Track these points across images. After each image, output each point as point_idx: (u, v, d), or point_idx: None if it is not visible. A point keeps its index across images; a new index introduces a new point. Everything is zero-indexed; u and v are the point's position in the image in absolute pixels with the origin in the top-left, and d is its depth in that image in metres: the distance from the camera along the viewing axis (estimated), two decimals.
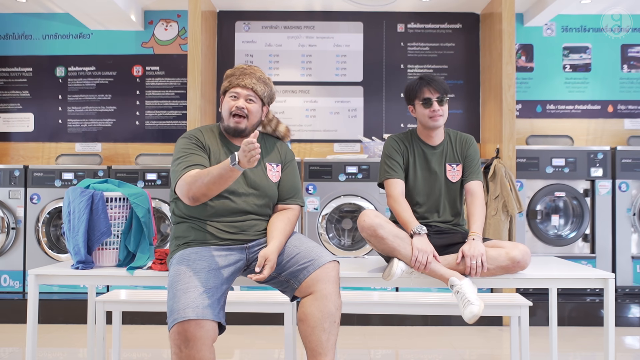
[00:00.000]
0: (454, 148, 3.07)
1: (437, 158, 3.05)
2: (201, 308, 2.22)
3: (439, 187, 3.03)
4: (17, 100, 6.12)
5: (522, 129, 5.97)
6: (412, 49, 6.07)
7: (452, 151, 3.06)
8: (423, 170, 3.04)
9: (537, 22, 5.90)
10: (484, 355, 4.25)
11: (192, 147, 2.58)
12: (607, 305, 2.64)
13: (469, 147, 3.08)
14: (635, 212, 5.32)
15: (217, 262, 2.46)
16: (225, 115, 2.62)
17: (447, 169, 3.04)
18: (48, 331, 4.68)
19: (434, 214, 3.04)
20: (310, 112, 6.00)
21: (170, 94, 6.07)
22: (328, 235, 5.21)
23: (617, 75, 6.05)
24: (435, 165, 3.04)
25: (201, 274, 2.37)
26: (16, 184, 5.38)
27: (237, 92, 2.61)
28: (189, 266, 2.39)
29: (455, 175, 3.04)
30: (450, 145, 3.07)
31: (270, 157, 2.75)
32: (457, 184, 3.05)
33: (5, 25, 6.12)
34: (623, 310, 5.06)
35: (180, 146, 2.60)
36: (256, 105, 2.64)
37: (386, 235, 2.69)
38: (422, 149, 3.06)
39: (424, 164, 3.05)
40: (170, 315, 2.24)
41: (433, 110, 2.94)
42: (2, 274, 5.37)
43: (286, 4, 5.91)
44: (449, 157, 3.06)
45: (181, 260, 2.45)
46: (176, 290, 2.30)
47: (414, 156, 3.05)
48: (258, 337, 4.62)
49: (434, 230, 2.99)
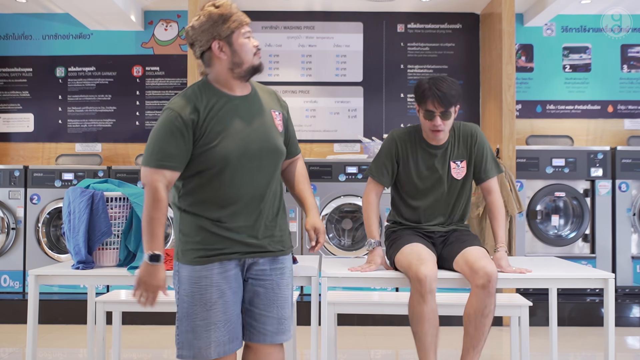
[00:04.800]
0: (458, 144, 2.89)
1: (440, 158, 2.89)
2: (224, 346, 2.19)
3: (442, 188, 2.89)
4: (17, 100, 6.12)
5: (522, 129, 5.97)
6: (412, 49, 6.07)
7: (456, 148, 2.89)
8: (425, 171, 2.89)
9: (537, 22, 5.90)
10: (484, 355, 4.24)
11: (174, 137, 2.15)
12: (607, 305, 2.64)
13: (476, 141, 2.89)
14: (635, 212, 5.32)
15: (231, 283, 2.24)
16: (248, 59, 2.26)
17: (452, 166, 2.88)
18: (48, 331, 4.68)
19: (438, 216, 2.92)
20: (310, 112, 6.00)
21: (170, 94, 6.07)
22: (328, 236, 5.21)
23: (617, 75, 6.05)
24: (439, 165, 2.88)
25: (218, 305, 2.19)
26: (16, 184, 5.37)
27: (248, 30, 2.29)
28: (202, 295, 2.18)
29: (459, 172, 2.87)
30: (454, 141, 2.90)
31: (272, 104, 2.44)
32: (463, 182, 2.89)
33: (5, 26, 6.12)
34: (623, 310, 5.06)
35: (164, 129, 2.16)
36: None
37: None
38: (425, 148, 2.90)
39: (426, 164, 2.89)
40: (190, 349, 2.18)
41: (434, 124, 2.77)
42: (2, 274, 5.37)
43: (286, 4, 5.91)
44: (454, 155, 2.89)
45: (194, 286, 2.19)
46: (195, 324, 2.17)
47: (416, 156, 2.91)
48: None
49: (440, 240, 2.91)
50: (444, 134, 2.81)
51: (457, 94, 2.77)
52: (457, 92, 2.77)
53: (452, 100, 2.74)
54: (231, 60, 2.25)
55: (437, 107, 2.74)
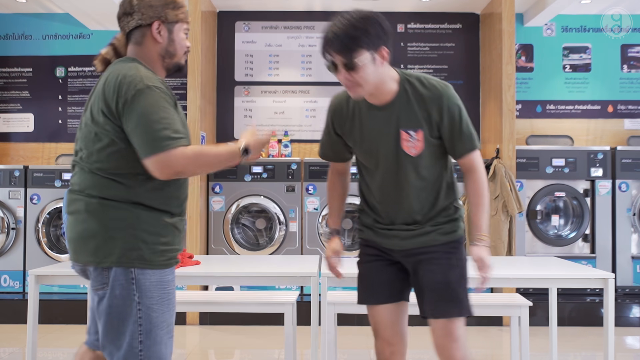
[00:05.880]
0: (412, 106, 2.09)
1: (384, 123, 2.11)
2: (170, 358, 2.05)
3: (391, 168, 2.14)
4: (17, 100, 6.12)
5: (522, 129, 5.96)
6: (412, 49, 6.07)
7: (408, 111, 2.09)
8: (366, 142, 2.16)
9: (537, 22, 5.90)
10: (484, 355, 4.25)
11: (172, 110, 1.99)
12: (607, 305, 2.64)
13: (441, 103, 2.07)
14: (635, 212, 5.32)
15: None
16: (180, 54, 2.13)
17: (403, 137, 2.10)
18: (48, 331, 4.68)
19: (399, 213, 2.19)
20: (310, 112, 6.00)
21: None
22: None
23: (617, 75, 6.05)
24: (383, 133, 2.11)
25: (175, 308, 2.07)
26: (16, 184, 5.37)
27: (188, 29, 2.17)
28: (170, 300, 2.01)
29: (413, 145, 2.09)
30: (406, 101, 2.09)
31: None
32: (424, 162, 2.12)
33: (5, 26, 6.12)
34: (623, 310, 5.06)
35: (159, 103, 1.93)
36: None
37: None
38: (367, 111, 2.14)
39: (369, 131, 2.15)
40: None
41: (340, 78, 2.05)
42: (2, 274, 5.38)
43: (286, 4, 5.91)
44: (404, 120, 2.09)
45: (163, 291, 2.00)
46: (163, 333, 1.98)
47: (359, 122, 2.16)
48: (258, 337, 4.62)
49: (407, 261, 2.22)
50: (362, 89, 2.04)
51: (363, 34, 1.97)
52: (363, 31, 1.97)
53: (350, 44, 1.96)
54: (166, 47, 2.08)
55: (335, 55, 2.01)
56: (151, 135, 1.89)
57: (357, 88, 2.04)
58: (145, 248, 1.94)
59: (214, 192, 5.38)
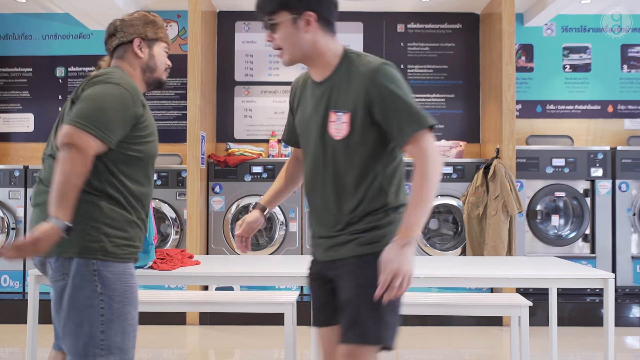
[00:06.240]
0: (347, 83, 1.89)
1: (317, 101, 1.93)
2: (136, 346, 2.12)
3: (319, 155, 1.92)
4: (17, 100, 6.12)
5: (522, 129, 5.96)
6: (412, 49, 6.07)
7: (342, 89, 1.89)
8: (303, 125, 2.01)
9: (537, 22, 5.90)
10: (484, 355, 4.25)
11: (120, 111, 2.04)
12: (607, 305, 2.64)
13: (375, 78, 1.84)
14: (635, 212, 5.32)
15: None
16: (160, 69, 2.28)
17: (330, 119, 1.89)
18: (48, 331, 4.66)
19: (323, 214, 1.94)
20: None
21: (170, 94, 6.07)
22: None
23: (617, 75, 6.05)
24: (313, 114, 1.94)
25: (138, 306, 2.13)
26: (16, 184, 5.38)
27: (168, 49, 2.32)
28: (133, 294, 2.08)
29: (339, 129, 1.87)
30: (343, 78, 1.91)
31: None
32: (352, 147, 1.87)
33: (5, 26, 6.12)
34: (623, 310, 5.06)
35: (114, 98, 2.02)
36: None
37: None
38: (311, 88, 1.99)
39: (303, 112, 2.01)
40: (120, 353, 2.03)
41: (268, 39, 1.95)
42: (2, 274, 5.38)
43: None
44: (334, 99, 1.89)
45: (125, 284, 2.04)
46: (127, 325, 2.03)
47: (304, 100, 2.02)
48: (258, 337, 4.62)
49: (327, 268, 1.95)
50: (284, 53, 1.92)
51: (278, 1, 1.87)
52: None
53: (271, 3, 1.89)
54: (147, 61, 2.24)
55: (259, 14, 1.94)
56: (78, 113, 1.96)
57: (281, 51, 1.93)
58: (107, 241, 1.99)
59: (214, 192, 5.38)
